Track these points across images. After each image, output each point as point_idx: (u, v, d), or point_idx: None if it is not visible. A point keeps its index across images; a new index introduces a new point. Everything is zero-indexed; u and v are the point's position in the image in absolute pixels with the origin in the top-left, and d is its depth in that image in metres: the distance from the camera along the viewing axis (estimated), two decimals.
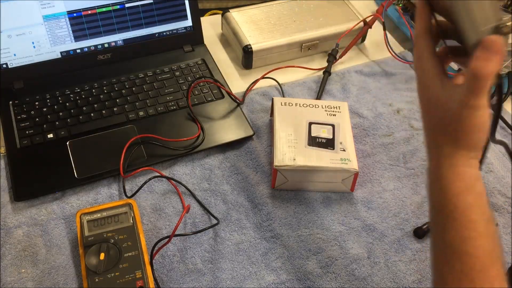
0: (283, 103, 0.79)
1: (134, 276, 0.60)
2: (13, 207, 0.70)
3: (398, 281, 0.65)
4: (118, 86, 0.84)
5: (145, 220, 0.69)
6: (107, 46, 0.87)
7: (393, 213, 0.73)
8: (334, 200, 0.74)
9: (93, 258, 0.60)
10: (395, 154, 0.80)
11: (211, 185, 0.74)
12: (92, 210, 0.65)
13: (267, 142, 0.80)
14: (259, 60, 0.92)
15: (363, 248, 0.68)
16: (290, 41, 0.93)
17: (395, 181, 0.77)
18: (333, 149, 0.73)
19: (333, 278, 0.65)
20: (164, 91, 0.85)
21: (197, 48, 0.93)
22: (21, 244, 0.66)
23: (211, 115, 0.82)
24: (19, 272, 0.63)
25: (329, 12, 0.98)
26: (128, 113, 0.81)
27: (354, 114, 0.86)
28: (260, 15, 0.97)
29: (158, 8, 0.88)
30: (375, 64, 0.96)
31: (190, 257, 0.66)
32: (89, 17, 0.84)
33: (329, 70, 0.92)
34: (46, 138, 0.76)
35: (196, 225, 0.70)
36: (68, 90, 0.83)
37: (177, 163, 0.76)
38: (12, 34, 0.80)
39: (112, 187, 0.73)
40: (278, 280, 0.64)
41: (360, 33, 0.96)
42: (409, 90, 0.91)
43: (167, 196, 0.73)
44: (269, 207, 0.72)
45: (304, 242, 0.69)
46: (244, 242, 0.68)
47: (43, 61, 0.84)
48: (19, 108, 0.80)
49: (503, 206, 0.74)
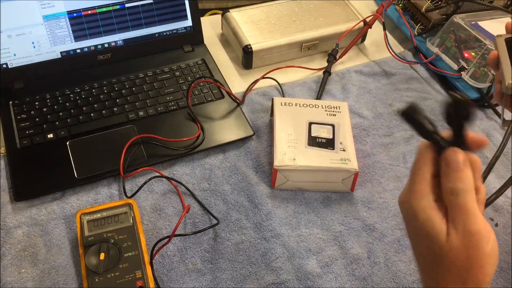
0: (283, 103, 0.79)
1: (134, 276, 0.60)
2: (13, 207, 0.70)
3: (398, 281, 0.65)
4: (118, 86, 0.84)
5: (145, 220, 0.69)
6: (107, 46, 0.87)
7: (393, 213, 0.73)
8: (334, 200, 0.74)
9: (93, 258, 0.60)
10: (395, 154, 0.80)
11: (211, 185, 0.74)
12: (92, 210, 0.65)
13: (267, 142, 0.80)
14: (259, 60, 0.92)
15: (363, 248, 0.68)
16: (290, 41, 0.93)
17: (395, 181, 0.77)
18: (333, 149, 0.73)
19: (333, 278, 0.65)
20: (164, 91, 0.85)
21: (197, 48, 0.93)
22: (21, 244, 0.66)
23: (211, 115, 0.82)
24: (19, 272, 0.63)
25: (329, 12, 0.98)
26: (128, 113, 0.81)
27: (354, 114, 0.86)
28: (260, 15, 0.97)
29: (158, 8, 0.88)
30: (375, 64, 0.96)
31: (190, 257, 0.66)
32: (89, 17, 0.84)
33: (329, 70, 0.92)
34: (46, 138, 0.76)
35: (196, 225, 0.70)
36: (68, 90, 0.83)
37: (177, 163, 0.76)
38: (12, 34, 0.80)
39: (112, 187, 0.73)
40: (278, 280, 0.64)
41: (360, 33, 0.96)
42: (409, 90, 0.91)
43: (167, 196, 0.73)
44: (269, 207, 0.72)
45: (304, 242, 0.69)
46: (244, 242, 0.68)
47: (43, 61, 0.84)
48: (19, 108, 0.80)
49: (503, 206, 0.74)
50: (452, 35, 0.90)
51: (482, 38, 0.86)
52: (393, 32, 1.04)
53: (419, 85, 0.92)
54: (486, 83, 0.85)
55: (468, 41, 0.88)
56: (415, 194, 0.42)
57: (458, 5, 0.92)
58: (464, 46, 0.88)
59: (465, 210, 0.39)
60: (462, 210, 0.39)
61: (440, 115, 0.87)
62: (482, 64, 0.85)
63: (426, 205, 0.41)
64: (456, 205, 0.40)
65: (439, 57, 0.92)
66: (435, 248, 0.40)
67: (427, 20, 0.96)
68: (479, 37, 0.86)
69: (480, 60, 0.85)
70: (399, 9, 1.01)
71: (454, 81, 0.90)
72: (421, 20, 0.97)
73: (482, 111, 0.88)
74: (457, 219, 0.39)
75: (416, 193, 0.41)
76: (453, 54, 0.90)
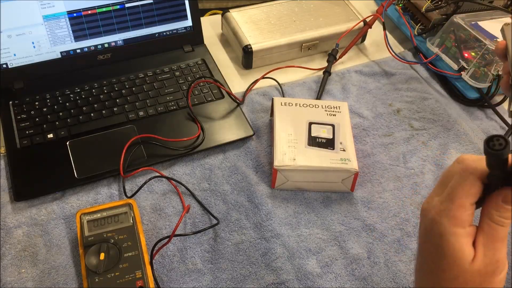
0: (283, 103, 0.79)
1: (134, 276, 0.60)
2: (13, 207, 0.70)
3: (398, 281, 0.65)
4: (118, 86, 0.84)
5: (145, 220, 0.69)
6: (107, 46, 0.87)
7: (393, 213, 0.73)
8: (334, 200, 0.74)
9: (93, 258, 0.60)
10: (395, 154, 0.80)
11: (211, 185, 0.74)
12: (92, 210, 0.65)
13: (267, 142, 0.80)
14: (259, 60, 0.92)
15: (363, 248, 0.68)
16: (290, 41, 0.93)
17: (395, 181, 0.77)
18: (333, 149, 0.73)
19: (333, 278, 0.65)
20: (164, 91, 0.85)
21: (197, 48, 0.93)
22: (21, 244, 0.66)
23: (211, 115, 0.82)
24: (19, 272, 0.63)
25: (329, 12, 0.98)
26: (128, 113, 0.81)
27: (354, 114, 0.86)
28: (260, 15, 0.97)
29: (158, 8, 0.88)
30: (375, 64, 0.96)
31: (190, 257, 0.66)
32: (89, 17, 0.84)
33: (329, 70, 0.92)
34: (46, 138, 0.76)
35: (196, 225, 0.70)
36: (68, 90, 0.83)
37: (177, 163, 0.76)
38: (12, 34, 0.80)
39: (112, 187, 0.73)
40: (278, 280, 0.64)
41: (360, 33, 0.96)
42: (409, 90, 0.91)
43: (167, 196, 0.73)
44: (269, 207, 0.72)
45: (304, 242, 0.69)
46: (244, 242, 0.68)
47: (43, 61, 0.84)
48: (19, 108, 0.80)
49: None
50: (452, 35, 0.90)
51: (482, 38, 0.86)
52: (393, 32, 1.04)
53: (419, 85, 0.92)
54: (486, 83, 0.85)
55: (468, 41, 0.88)
56: (452, 220, 0.41)
57: (458, 5, 0.92)
58: (464, 46, 0.88)
59: (501, 240, 0.41)
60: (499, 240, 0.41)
61: (439, 115, 0.87)
62: (482, 64, 0.85)
63: (460, 233, 0.41)
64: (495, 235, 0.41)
65: (439, 57, 0.92)
66: (454, 268, 0.41)
67: (427, 20, 0.96)
68: (479, 37, 0.86)
69: (480, 60, 0.85)
70: (399, 9, 1.01)
71: (454, 81, 0.90)
72: (421, 20, 0.97)
73: (482, 111, 0.88)
74: (490, 246, 0.41)
75: (454, 218, 0.41)
76: (453, 54, 0.90)
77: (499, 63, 0.84)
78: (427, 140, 0.83)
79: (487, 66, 0.85)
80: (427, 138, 0.83)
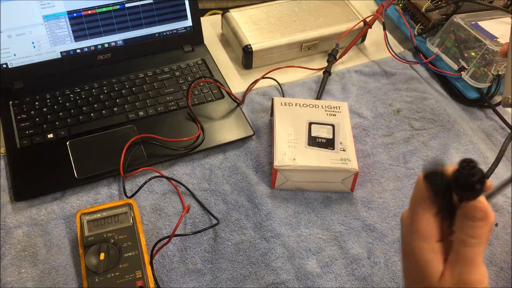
0: (283, 103, 0.79)
1: (134, 276, 0.60)
2: (13, 207, 0.70)
3: (398, 281, 0.65)
4: (118, 86, 0.84)
5: (145, 220, 0.69)
6: (107, 46, 0.87)
7: (393, 213, 0.73)
8: (334, 200, 0.74)
9: (93, 258, 0.60)
10: (395, 154, 0.80)
11: (211, 185, 0.74)
12: (92, 210, 0.65)
13: (267, 142, 0.80)
14: (259, 60, 0.92)
15: (363, 248, 0.68)
16: (290, 41, 0.93)
17: (395, 181, 0.77)
18: (333, 149, 0.73)
19: (333, 278, 0.65)
20: (164, 91, 0.85)
21: (197, 48, 0.93)
22: (21, 244, 0.66)
23: (211, 115, 0.82)
24: (19, 272, 0.63)
25: (329, 12, 0.98)
26: (128, 113, 0.81)
27: (354, 114, 0.86)
28: (260, 15, 0.97)
29: (158, 8, 0.88)
30: (375, 64, 0.96)
31: (190, 257, 0.66)
32: (89, 17, 0.84)
33: (329, 70, 0.92)
34: (46, 138, 0.76)
35: (196, 225, 0.70)
36: (68, 90, 0.83)
37: (177, 163, 0.76)
38: (12, 34, 0.80)
39: (112, 187, 0.73)
40: (278, 280, 0.64)
41: (360, 33, 0.96)
42: (409, 90, 0.91)
43: (167, 196, 0.73)
44: (269, 207, 0.72)
45: (304, 242, 0.69)
46: (244, 242, 0.68)
47: (43, 61, 0.84)
48: (19, 108, 0.80)
49: (503, 206, 0.74)
50: (452, 35, 0.90)
51: (482, 38, 0.86)
52: (393, 32, 1.04)
53: (419, 85, 0.92)
54: (486, 83, 0.85)
55: (468, 41, 0.88)
56: (416, 235, 0.40)
57: (458, 5, 0.92)
58: (464, 46, 0.88)
59: (468, 260, 0.38)
60: (465, 260, 0.38)
61: (439, 115, 0.87)
62: (482, 64, 0.85)
63: (425, 248, 0.40)
64: (462, 254, 0.39)
65: (439, 57, 0.92)
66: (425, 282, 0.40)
67: (427, 20, 0.96)
68: (479, 37, 0.86)
69: (480, 60, 0.85)
70: (399, 9, 1.01)
71: (454, 81, 0.90)
72: (421, 20, 0.97)
73: (482, 111, 0.88)
74: (457, 266, 0.39)
75: (417, 233, 0.40)
76: (453, 54, 0.90)
77: (499, 63, 0.84)
78: (427, 140, 0.83)
79: (487, 66, 0.85)
80: (427, 138, 0.83)
